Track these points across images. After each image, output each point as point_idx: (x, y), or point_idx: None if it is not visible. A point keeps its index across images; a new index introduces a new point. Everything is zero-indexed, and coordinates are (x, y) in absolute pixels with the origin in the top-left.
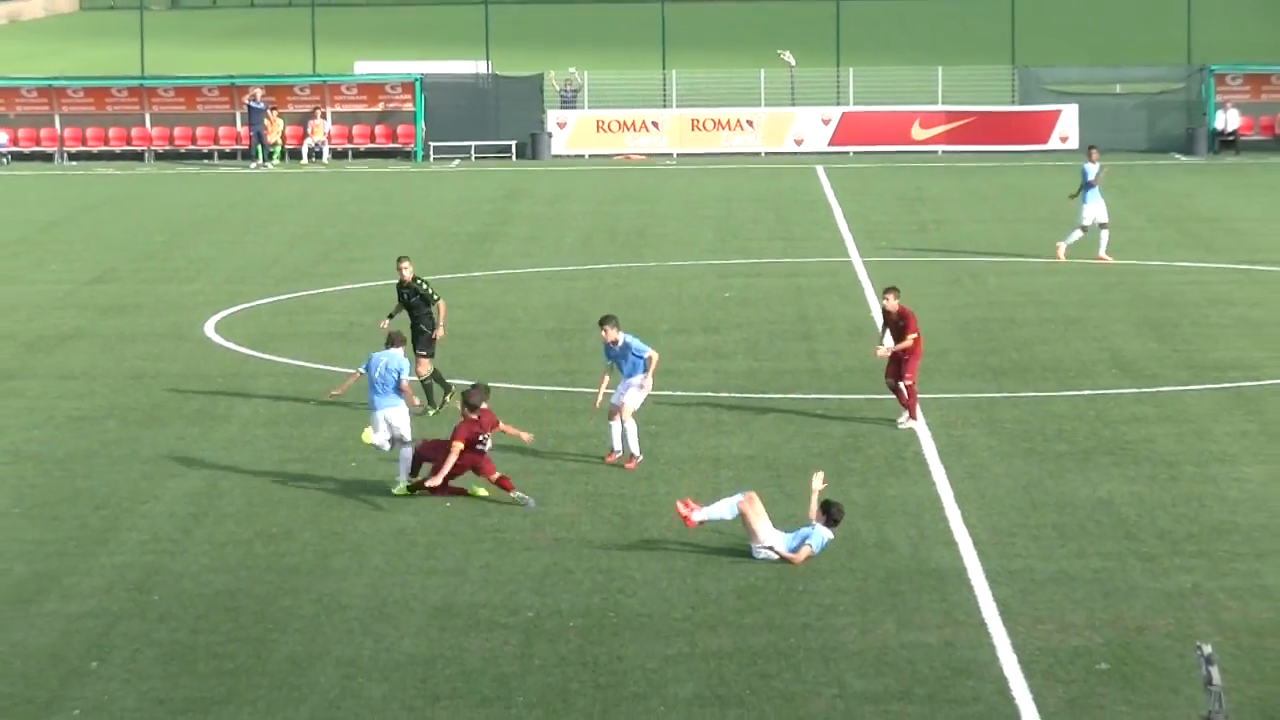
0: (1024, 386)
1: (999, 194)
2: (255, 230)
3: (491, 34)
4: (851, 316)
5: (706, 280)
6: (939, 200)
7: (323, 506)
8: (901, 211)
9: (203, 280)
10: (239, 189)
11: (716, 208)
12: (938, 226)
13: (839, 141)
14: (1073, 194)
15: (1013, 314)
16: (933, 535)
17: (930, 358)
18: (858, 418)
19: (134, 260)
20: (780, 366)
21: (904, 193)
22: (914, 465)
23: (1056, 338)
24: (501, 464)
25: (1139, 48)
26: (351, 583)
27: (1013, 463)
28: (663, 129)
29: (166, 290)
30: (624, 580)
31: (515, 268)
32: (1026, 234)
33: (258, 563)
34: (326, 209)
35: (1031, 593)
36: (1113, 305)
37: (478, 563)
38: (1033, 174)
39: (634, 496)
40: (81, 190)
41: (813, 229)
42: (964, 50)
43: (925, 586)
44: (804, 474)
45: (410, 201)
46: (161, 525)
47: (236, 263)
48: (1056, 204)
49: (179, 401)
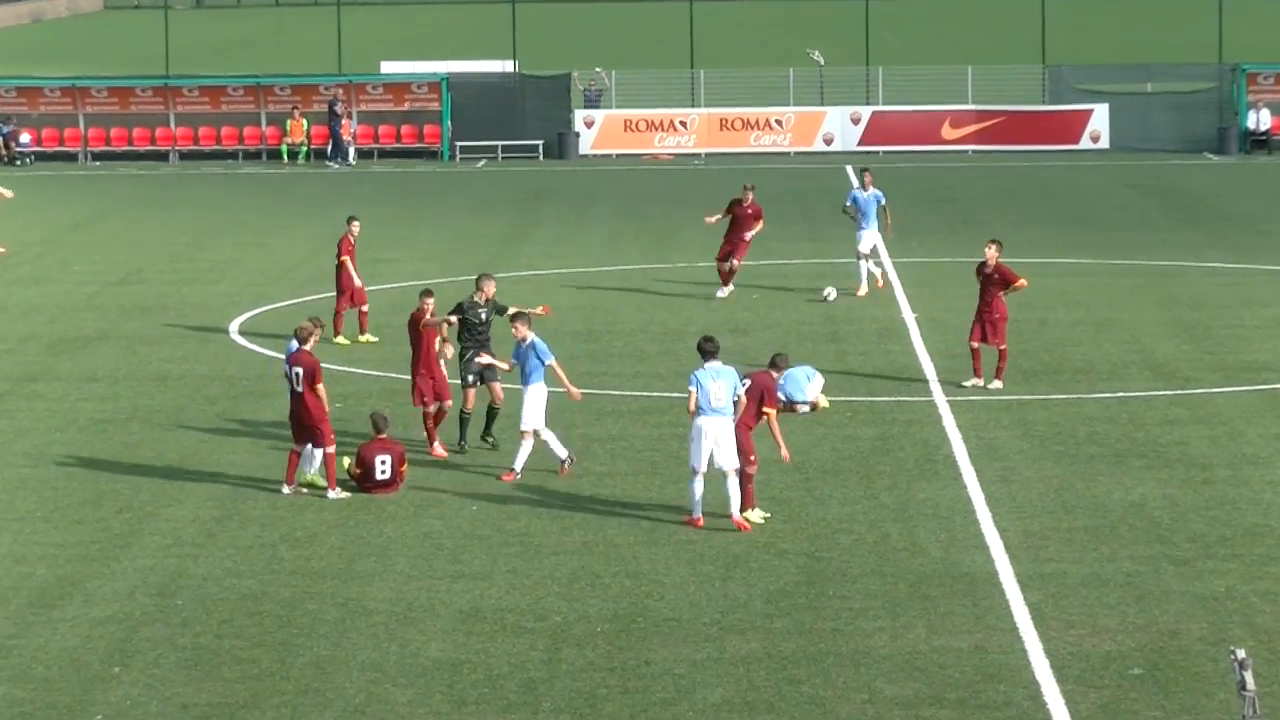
0: (1055, 388)
1: (1029, 194)
2: (280, 231)
3: (518, 33)
4: (880, 317)
5: (739, 276)
6: (969, 200)
7: (348, 510)
8: (931, 212)
9: (227, 282)
10: (264, 190)
11: None
12: (967, 227)
13: (869, 141)
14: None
15: (1044, 315)
16: (964, 539)
17: (961, 359)
18: (887, 420)
19: (158, 261)
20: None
21: (934, 193)
22: (945, 468)
23: (1088, 339)
24: (530, 468)
25: (1170, 47)
26: (377, 587)
27: (1044, 465)
28: (691, 128)
29: (191, 292)
30: (652, 584)
31: (542, 269)
32: (1057, 234)
33: (282, 566)
34: (352, 209)
35: (1063, 597)
36: (1144, 307)
37: (504, 567)
38: (1063, 174)
39: (662, 501)
40: (105, 191)
41: (842, 230)
42: (994, 49)
43: (956, 590)
44: (834, 477)
45: (436, 202)
46: (185, 529)
47: (261, 264)
48: (1087, 204)
49: (203, 404)
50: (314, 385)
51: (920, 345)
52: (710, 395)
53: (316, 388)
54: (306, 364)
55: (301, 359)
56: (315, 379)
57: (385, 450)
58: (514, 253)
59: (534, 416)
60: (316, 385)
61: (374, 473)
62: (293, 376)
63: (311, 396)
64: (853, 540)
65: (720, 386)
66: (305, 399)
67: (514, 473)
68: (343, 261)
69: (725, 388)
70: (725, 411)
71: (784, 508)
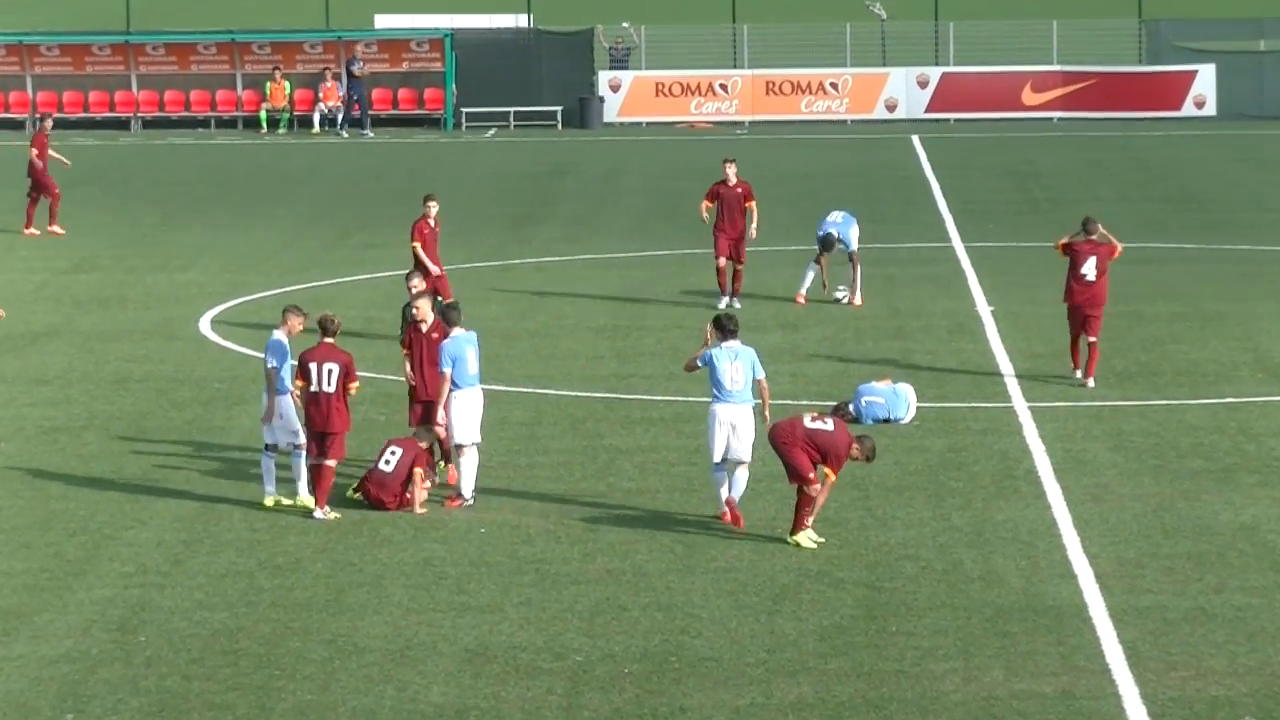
0: (1154, 393)
1: (1124, 168)
2: (258, 211)
3: None
4: (952, 311)
5: (782, 269)
6: (1054, 176)
7: (337, 532)
8: (1011, 189)
9: (197, 269)
10: (239, 163)
11: (795, 185)
12: (1052, 206)
13: (937, 108)
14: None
15: (1140, 308)
16: (1047, 567)
17: (1045, 359)
18: (960, 429)
19: (118, 246)
20: (868, 370)
21: (1014, 167)
22: (1026, 485)
23: (1191, 336)
24: (546, 483)
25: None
26: (370, 621)
27: (1141, 482)
28: (732, 93)
29: (155, 281)
30: (687, 619)
31: (561, 254)
32: (1155, 215)
33: (261, 598)
34: (341, 186)
35: (1163, 634)
36: (1257, 298)
37: (517, 598)
38: (1163, 145)
39: (698, 522)
40: (56, 164)
41: (907, 210)
42: (1083, 1)
43: (1039, 626)
44: (898, 495)
45: (439, 177)
46: (149, 554)
47: (237, 249)
48: (1190, 180)
49: (169, 410)
50: (348, 386)
51: (997, 342)
52: (726, 377)
53: (351, 389)
54: (342, 360)
55: (335, 354)
56: (350, 378)
57: (399, 444)
58: (528, 236)
59: (469, 427)
60: (351, 386)
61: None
62: (322, 375)
63: (342, 400)
64: (919, 568)
65: (738, 368)
66: (335, 402)
67: (462, 499)
68: (414, 249)
69: (743, 369)
70: (743, 397)
71: (840, 530)
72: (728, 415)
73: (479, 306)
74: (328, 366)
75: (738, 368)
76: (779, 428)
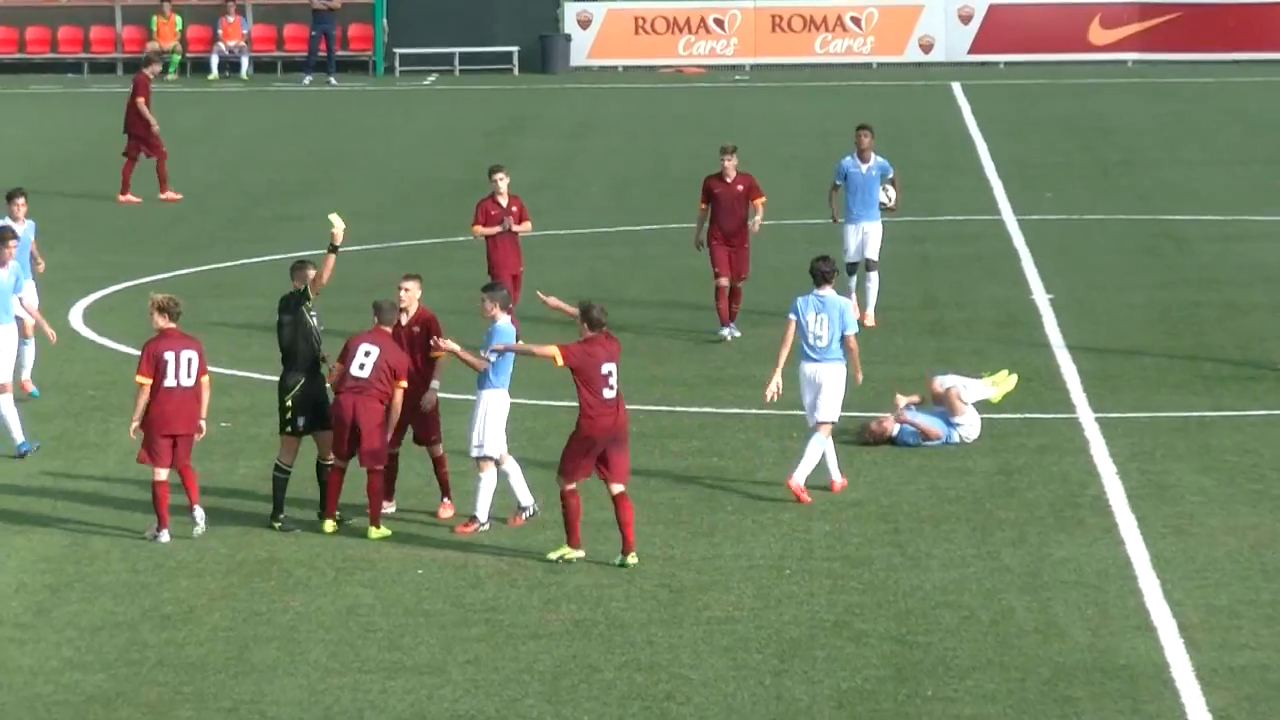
0: (1251, 402)
1: (1214, 123)
2: (143, 176)
3: None
4: (1002, 299)
5: (795, 248)
6: (1128, 133)
7: (240, 574)
8: (1075, 149)
9: (66, 249)
10: (119, 117)
11: (807, 143)
12: (1126, 170)
13: (983, 48)
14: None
15: (1234, 297)
16: (1120, 616)
17: (1117, 357)
18: (1011, 446)
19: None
20: (899, 371)
21: (1078, 122)
22: (1093, 514)
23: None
24: (499, 513)
25: None
26: (281, 685)
27: (1236, 511)
28: (730, 29)
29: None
30: (674, 681)
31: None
32: (1254, 180)
33: (146, 656)
34: (246, 145)
35: (1263, 700)
36: None
37: (462, 656)
38: (1262, 94)
39: (688, 560)
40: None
41: (946, 174)
42: None
43: (1110, 691)
44: (934, 528)
45: (366, 134)
46: (6, 603)
47: (116, 223)
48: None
49: (31, 424)
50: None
51: (1057, 338)
52: (809, 331)
53: (401, 385)
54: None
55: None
56: (400, 374)
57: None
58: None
59: (494, 437)
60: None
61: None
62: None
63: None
64: (961, 619)
65: (822, 321)
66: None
67: (476, 522)
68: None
69: (828, 323)
70: (830, 355)
71: (864, 571)
72: (812, 375)
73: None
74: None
75: (822, 321)
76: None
